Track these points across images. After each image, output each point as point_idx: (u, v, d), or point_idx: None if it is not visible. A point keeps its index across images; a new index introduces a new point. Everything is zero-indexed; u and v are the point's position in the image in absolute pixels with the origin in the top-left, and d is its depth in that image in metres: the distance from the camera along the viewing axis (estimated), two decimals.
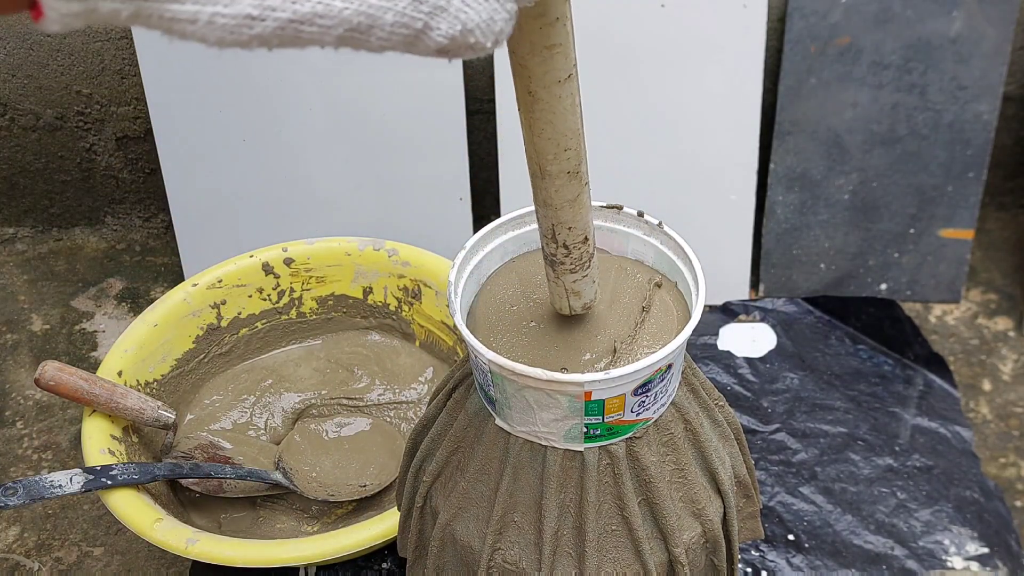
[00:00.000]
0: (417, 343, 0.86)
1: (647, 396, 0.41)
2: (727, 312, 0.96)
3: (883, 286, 1.03)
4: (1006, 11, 0.93)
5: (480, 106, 1.04)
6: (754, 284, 1.04)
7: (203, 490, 0.74)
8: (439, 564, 0.47)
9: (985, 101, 0.96)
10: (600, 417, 0.40)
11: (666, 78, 0.95)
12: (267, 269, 0.83)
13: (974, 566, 0.75)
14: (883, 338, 0.92)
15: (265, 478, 0.74)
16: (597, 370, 0.41)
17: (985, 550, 0.75)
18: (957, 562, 0.75)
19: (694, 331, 0.42)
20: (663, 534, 0.44)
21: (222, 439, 0.77)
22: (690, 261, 0.44)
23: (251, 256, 0.83)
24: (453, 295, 0.42)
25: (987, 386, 0.95)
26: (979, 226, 1.10)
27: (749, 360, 0.91)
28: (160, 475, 0.69)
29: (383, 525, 0.65)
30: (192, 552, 0.63)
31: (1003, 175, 1.10)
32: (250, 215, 1.01)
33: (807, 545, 0.76)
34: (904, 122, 0.98)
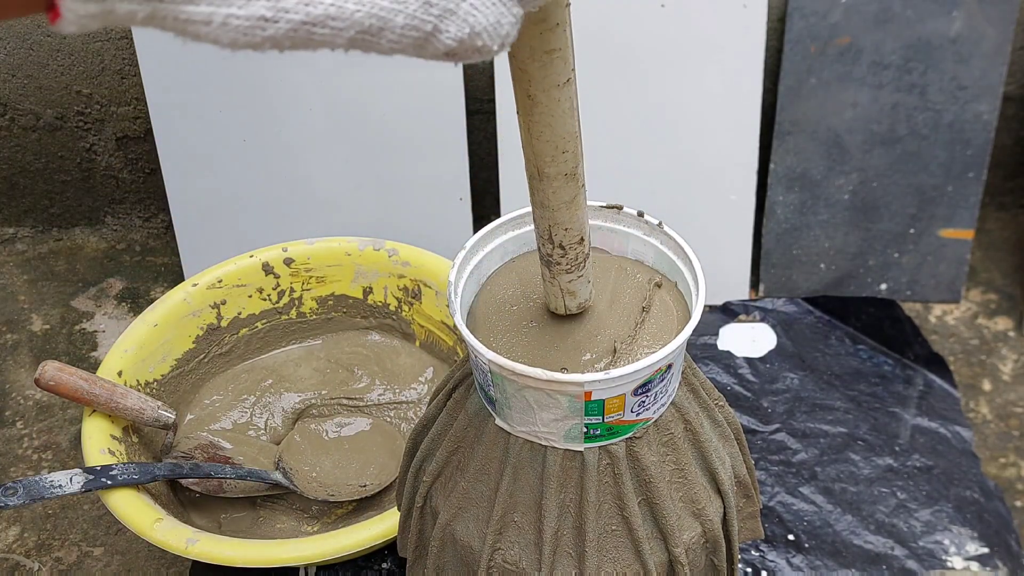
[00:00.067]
0: (417, 343, 0.86)
1: (647, 396, 0.41)
2: (727, 312, 0.96)
3: (883, 286, 1.03)
4: (1006, 11, 0.93)
5: (480, 106, 1.04)
6: (754, 284, 1.04)
7: (203, 490, 0.74)
8: (439, 564, 0.47)
9: (985, 101, 0.96)
10: (600, 417, 0.40)
11: (666, 78, 0.95)
12: (267, 269, 0.83)
13: (974, 566, 0.75)
14: (883, 338, 0.92)
15: (265, 478, 0.74)
16: (597, 370, 0.41)
17: (985, 550, 0.75)
18: (957, 562, 0.75)
19: (694, 331, 0.42)
20: (663, 534, 0.44)
21: (222, 439, 0.77)
22: (690, 261, 0.44)
23: (251, 256, 0.83)
24: (453, 295, 0.42)
25: (987, 386, 0.95)
26: (979, 226, 1.10)
27: (749, 360, 0.91)
28: (160, 475, 0.69)
29: (383, 525, 0.65)
30: (192, 552, 0.63)
31: (1003, 175, 1.10)
32: (250, 215, 1.01)
33: (807, 545, 0.76)
34: (904, 122, 0.98)
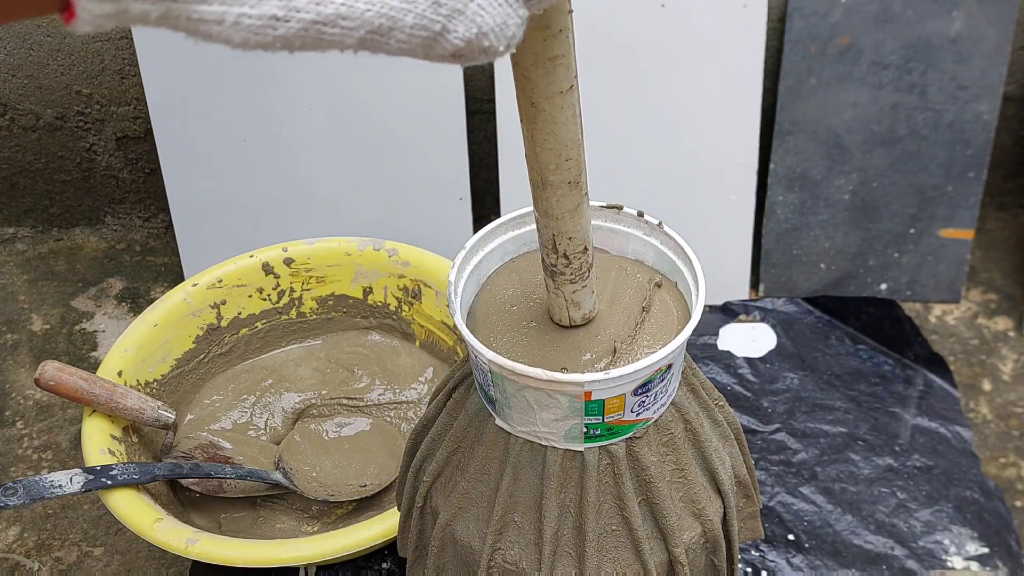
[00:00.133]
0: (417, 343, 0.86)
1: (647, 396, 0.41)
2: (727, 312, 0.96)
3: (883, 286, 1.03)
4: (1006, 11, 0.93)
5: (480, 106, 1.04)
6: (754, 284, 1.04)
7: (203, 490, 0.74)
8: (439, 564, 0.47)
9: (985, 101, 0.96)
10: (600, 417, 0.40)
11: (666, 78, 0.95)
12: (267, 269, 0.83)
13: (974, 566, 0.75)
14: (883, 338, 0.92)
15: (265, 478, 0.74)
16: (597, 370, 0.41)
17: (985, 550, 0.75)
18: (957, 562, 0.75)
19: (694, 331, 0.42)
20: (663, 534, 0.44)
21: (222, 439, 0.77)
22: (690, 261, 0.44)
23: (251, 256, 0.83)
24: (453, 295, 0.42)
25: (987, 386, 0.95)
26: (979, 226, 1.10)
27: (749, 360, 0.91)
28: (160, 475, 0.69)
29: (383, 525, 0.65)
30: (192, 552, 0.63)
31: (1003, 175, 1.10)
32: (250, 215, 1.01)
33: (807, 545, 0.76)
34: (904, 122, 0.97)
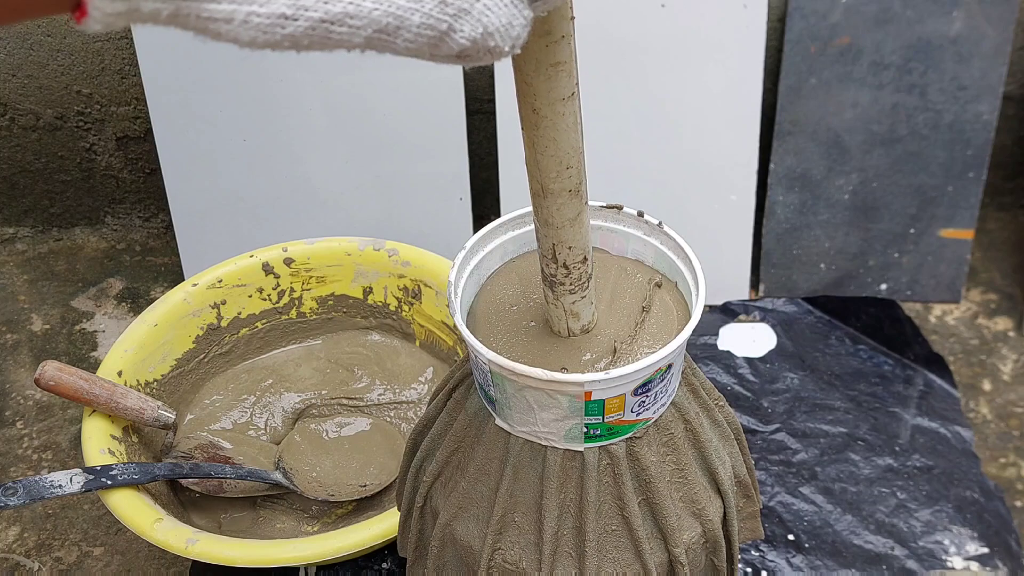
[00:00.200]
0: (417, 343, 0.86)
1: (647, 396, 0.41)
2: (727, 312, 0.96)
3: (883, 286, 1.03)
4: (1006, 11, 0.93)
5: (480, 106, 1.04)
6: (754, 284, 1.04)
7: (203, 490, 0.74)
8: (439, 564, 0.47)
9: (985, 101, 0.96)
10: (600, 417, 0.40)
11: (666, 78, 0.95)
12: (267, 269, 0.83)
13: (974, 566, 0.75)
14: (883, 338, 0.92)
15: (265, 478, 0.74)
16: (597, 370, 0.41)
17: (985, 550, 0.75)
18: (957, 562, 0.75)
19: (694, 331, 0.42)
20: (663, 534, 0.44)
21: (222, 439, 0.77)
22: (690, 261, 0.44)
23: (251, 256, 0.83)
24: (453, 295, 0.42)
25: (987, 386, 0.95)
26: (979, 226, 1.10)
27: (749, 360, 0.91)
28: (160, 475, 0.69)
29: (383, 525, 0.65)
30: (192, 552, 0.63)
31: (1003, 175, 1.10)
32: (250, 215, 1.01)
33: (807, 545, 0.76)
34: (904, 122, 0.97)
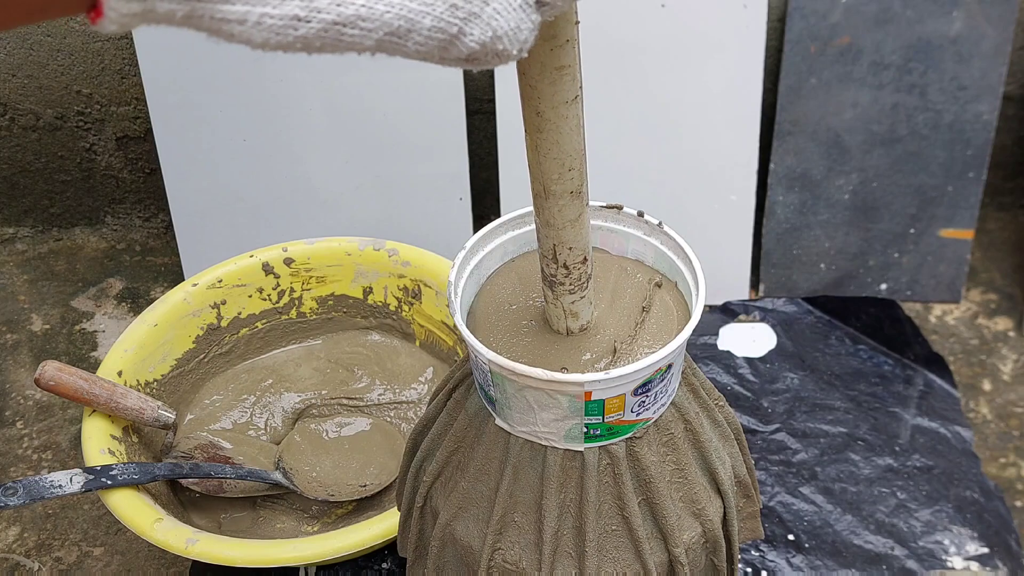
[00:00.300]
0: (417, 343, 0.86)
1: (647, 396, 0.41)
2: (727, 312, 0.96)
3: (883, 286, 1.03)
4: (1006, 11, 0.93)
5: (480, 106, 1.04)
6: (754, 284, 1.04)
7: (203, 490, 0.74)
8: (439, 564, 0.47)
9: (985, 101, 0.96)
10: (600, 417, 0.40)
11: (666, 78, 0.95)
12: (267, 269, 0.83)
13: (974, 566, 0.75)
14: (883, 338, 0.92)
15: (265, 478, 0.74)
16: (597, 370, 0.41)
17: (985, 550, 0.75)
18: (957, 562, 0.75)
19: (694, 331, 0.42)
20: (663, 534, 0.44)
21: (222, 439, 0.77)
22: (690, 261, 0.44)
23: (251, 256, 0.83)
24: (453, 295, 0.42)
25: (987, 386, 0.95)
26: (979, 226, 1.10)
27: (749, 360, 0.91)
28: (160, 475, 0.69)
29: (383, 525, 0.65)
30: (192, 552, 0.63)
31: (1003, 175, 1.10)
32: (250, 215, 1.01)
33: (807, 545, 0.76)
34: (904, 122, 0.97)
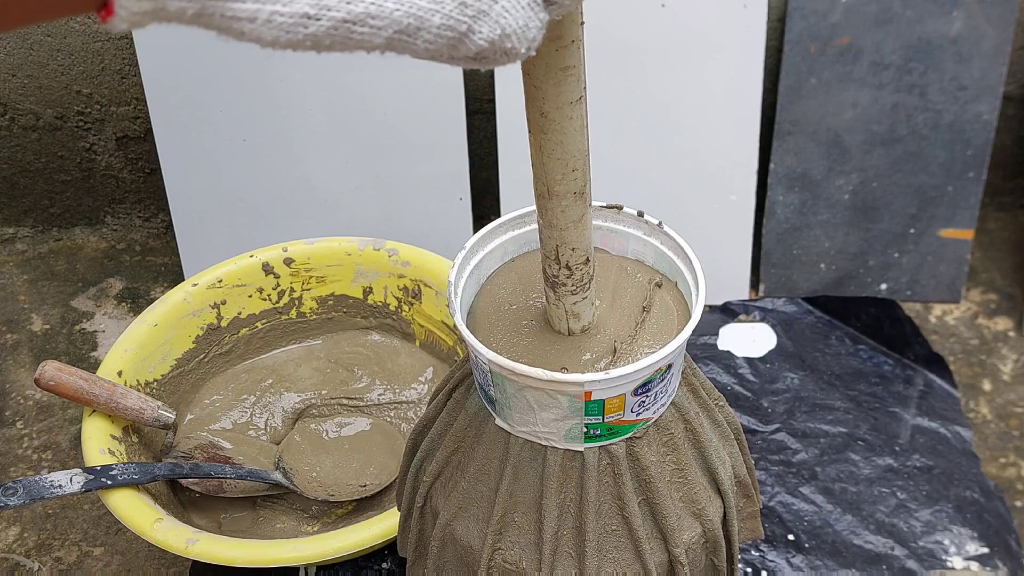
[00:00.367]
0: (417, 343, 0.86)
1: (647, 396, 0.41)
2: (727, 312, 0.96)
3: (883, 286, 1.03)
4: (1006, 11, 0.93)
5: (480, 106, 1.04)
6: (754, 284, 1.04)
7: (203, 490, 0.74)
8: (439, 564, 0.47)
9: (985, 101, 0.96)
10: (600, 417, 0.40)
11: (666, 78, 0.95)
12: (267, 269, 0.83)
13: (974, 566, 0.75)
14: (883, 338, 0.92)
15: (265, 478, 0.74)
16: (597, 370, 0.41)
17: (985, 550, 0.75)
18: (957, 562, 0.75)
19: (694, 331, 0.42)
20: (663, 534, 0.44)
21: (222, 439, 0.77)
22: (690, 261, 0.44)
23: (251, 256, 0.83)
24: (453, 295, 0.42)
25: (987, 386, 0.95)
26: (979, 226, 1.10)
27: (749, 360, 0.91)
28: (160, 475, 0.69)
29: (383, 525, 0.65)
30: (192, 552, 0.63)
31: (1003, 175, 1.10)
32: (250, 215, 1.01)
33: (807, 545, 0.76)
34: (904, 122, 0.97)
